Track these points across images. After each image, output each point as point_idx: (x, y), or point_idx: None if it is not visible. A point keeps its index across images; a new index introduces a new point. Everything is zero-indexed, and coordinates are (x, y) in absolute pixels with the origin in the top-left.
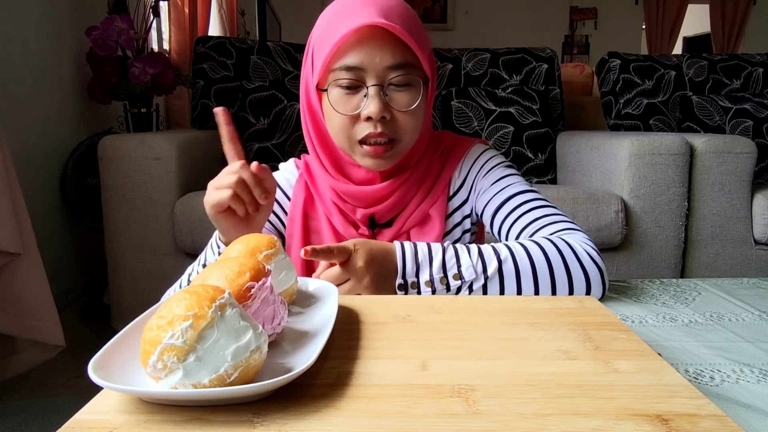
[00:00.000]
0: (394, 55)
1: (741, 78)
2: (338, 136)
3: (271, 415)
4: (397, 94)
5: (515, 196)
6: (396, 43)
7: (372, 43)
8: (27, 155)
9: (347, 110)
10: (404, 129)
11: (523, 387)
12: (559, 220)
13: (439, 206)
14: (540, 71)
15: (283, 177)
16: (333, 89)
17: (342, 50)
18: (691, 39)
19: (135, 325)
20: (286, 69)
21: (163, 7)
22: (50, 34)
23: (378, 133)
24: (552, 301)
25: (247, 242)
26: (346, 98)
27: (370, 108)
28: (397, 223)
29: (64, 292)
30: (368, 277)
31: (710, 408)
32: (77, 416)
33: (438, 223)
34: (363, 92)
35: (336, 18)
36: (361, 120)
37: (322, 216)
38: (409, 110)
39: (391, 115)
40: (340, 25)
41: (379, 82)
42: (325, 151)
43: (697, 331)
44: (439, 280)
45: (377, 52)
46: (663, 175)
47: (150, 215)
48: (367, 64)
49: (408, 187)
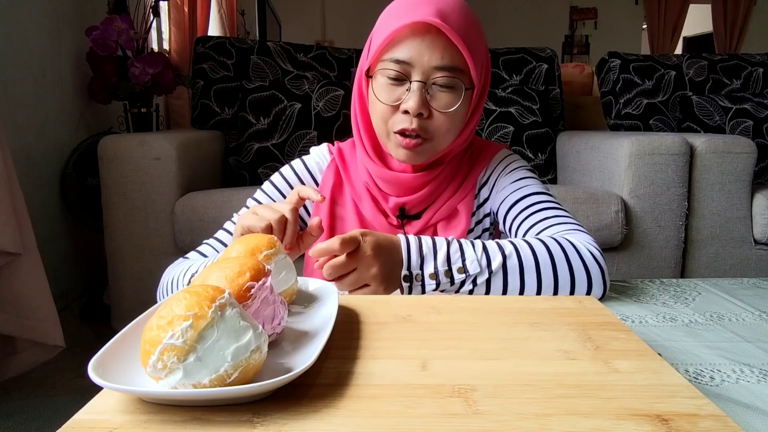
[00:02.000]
0: (443, 57)
1: (741, 78)
2: (377, 122)
3: (271, 415)
4: (439, 94)
5: (529, 197)
6: (447, 44)
7: (424, 40)
8: (27, 155)
9: (389, 100)
10: (438, 130)
11: (523, 387)
12: (566, 222)
13: (467, 203)
14: (540, 71)
15: (313, 161)
16: (379, 77)
17: (394, 42)
18: (691, 39)
19: (135, 325)
20: (286, 69)
21: (163, 7)
22: (50, 34)
23: (412, 128)
24: (552, 301)
25: (247, 242)
26: (390, 88)
27: (409, 103)
28: (425, 216)
29: (64, 292)
30: (376, 266)
31: (710, 408)
32: (77, 416)
33: (465, 218)
34: (406, 86)
35: (397, 11)
36: (400, 112)
37: (349, 203)
38: (448, 112)
39: (429, 114)
40: (398, 18)
41: (423, 79)
42: (368, 134)
43: (697, 331)
44: (443, 273)
45: (427, 50)
46: (663, 175)
47: (150, 215)
48: (415, 60)
49: (440, 180)
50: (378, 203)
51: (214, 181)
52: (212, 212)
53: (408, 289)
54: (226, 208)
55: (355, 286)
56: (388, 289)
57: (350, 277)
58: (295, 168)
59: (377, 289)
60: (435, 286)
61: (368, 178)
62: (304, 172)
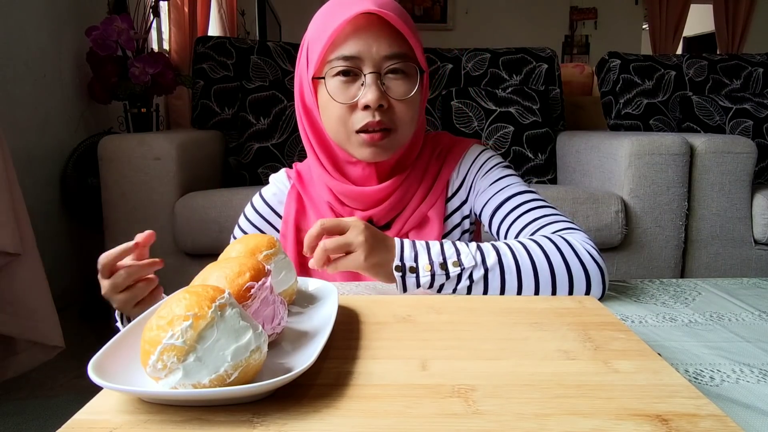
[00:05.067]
0: (390, 45)
1: (741, 78)
2: (335, 127)
3: (271, 415)
4: (393, 83)
5: (514, 197)
6: (391, 32)
7: (368, 32)
8: (27, 155)
9: (344, 99)
10: (401, 118)
11: (523, 387)
12: (558, 220)
13: (438, 208)
14: (540, 71)
15: (270, 193)
16: (330, 79)
17: (338, 41)
18: (691, 39)
19: (135, 325)
20: (286, 69)
21: (163, 7)
22: (50, 34)
23: (376, 122)
24: (552, 301)
25: (247, 242)
26: (343, 87)
27: (367, 96)
28: (395, 226)
29: (64, 292)
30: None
31: (710, 408)
32: (77, 416)
33: (437, 225)
34: (360, 81)
35: (330, 12)
36: (359, 109)
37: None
38: (406, 99)
39: (388, 104)
40: (335, 17)
41: (376, 70)
42: (323, 149)
43: (697, 331)
44: (438, 265)
45: (373, 41)
46: (663, 175)
47: (150, 215)
48: (363, 53)
49: (406, 187)
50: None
51: (214, 181)
52: (212, 212)
53: (401, 281)
54: (226, 208)
55: (338, 252)
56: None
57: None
58: (256, 206)
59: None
60: (430, 278)
61: (330, 196)
62: (264, 207)
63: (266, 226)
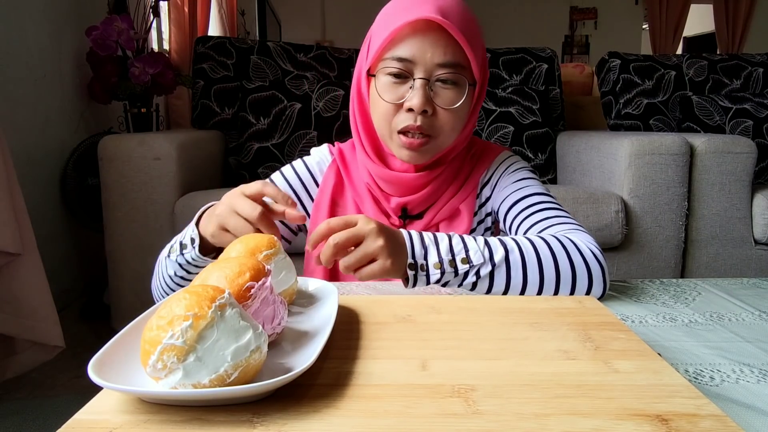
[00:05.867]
0: (445, 53)
1: (741, 78)
2: (380, 123)
3: (271, 415)
4: (442, 91)
5: (530, 197)
6: (449, 41)
7: (425, 37)
8: (27, 155)
9: (392, 98)
10: (442, 127)
11: (523, 387)
12: (567, 222)
13: (469, 203)
14: (540, 71)
15: (313, 161)
16: (382, 76)
17: (396, 40)
18: (691, 39)
19: (135, 325)
20: (286, 69)
21: (163, 7)
22: (50, 34)
23: (416, 126)
24: (552, 301)
25: (247, 242)
26: (392, 87)
27: (413, 100)
28: (427, 216)
29: (64, 292)
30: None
31: (710, 408)
32: (77, 416)
33: (467, 218)
34: (409, 84)
35: (395, 9)
36: (403, 110)
37: (350, 204)
38: (451, 108)
39: (433, 111)
40: (397, 17)
41: (426, 76)
42: (368, 136)
43: (697, 331)
44: (447, 263)
45: (429, 47)
46: (663, 175)
47: (150, 215)
48: (417, 57)
49: (441, 181)
50: (380, 204)
51: (214, 181)
52: None
53: (413, 278)
54: None
55: (363, 261)
56: (395, 265)
57: (355, 253)
58: (296, 168)
59: (385, 265)
60: (439, 276)
61: (369, 179)
62: (305, 172)
63: (301, 190)
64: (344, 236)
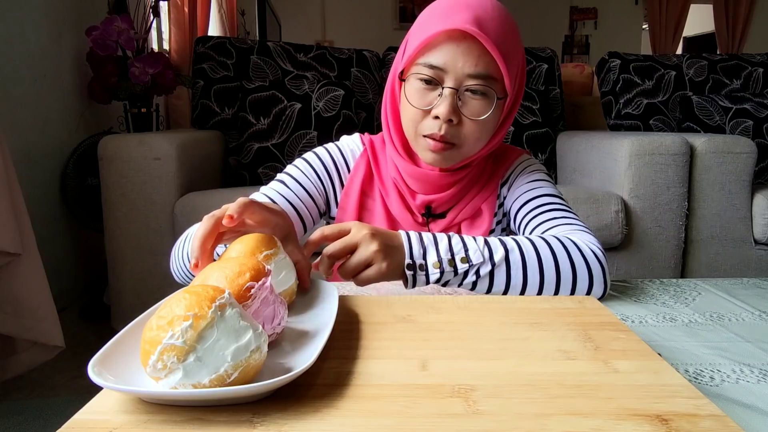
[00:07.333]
0: (477, 64)
1: (741, 78)
2: (407, 124)
3: (271, 415)
4: (470, 101)
5: (540, 197)
6: (483, 52)
7: (459, 46)
8: (27, 155)
9: (420, 104)
10: (467, 137)
11: (523, 387)
12: (572, 223)
13: (490, 203)
14: (540, 71)
15: (347, 147)
16: (412, 81)
17: (429, 46)
18: (691, 39)
19: (135, 325)
20: (286, 69)
21: (163, 7)
22: (50, 34)
23: (440, 135)
24: (552, 301)
25: (247, 242)
26: (422, 92)
27: (440, 108)
28: (450, 215)
29: (64, 292)
30: (376, 243)
31: (710, 408)
32: (77, 416)
33: (488, 217)
34: (438, 91)
35: (433, 15)
36: (430, 117)
37: (377, 196)
38: (478, 120)
39: (459, 120)
40: (434, 23)
41: (456, 85)
42: (398, 133)
43: (697, 331)
44: (447, 262)
45: (461, 57)
46: (663, 175)
47: (150, 215)
48: (449, 66)
49: (465, 182)
50: (405, 200)
51: (214, 181)
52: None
53: (412, 278)
54: None
55: (359, 268)
56: (391, 267)
57: (350, 261)
58: (330, 151)
59: (381, 268)
60: (439, 275)
61: (396, 174)
62: (339, 156)
63: (333, 170)
64: (338, 246)
